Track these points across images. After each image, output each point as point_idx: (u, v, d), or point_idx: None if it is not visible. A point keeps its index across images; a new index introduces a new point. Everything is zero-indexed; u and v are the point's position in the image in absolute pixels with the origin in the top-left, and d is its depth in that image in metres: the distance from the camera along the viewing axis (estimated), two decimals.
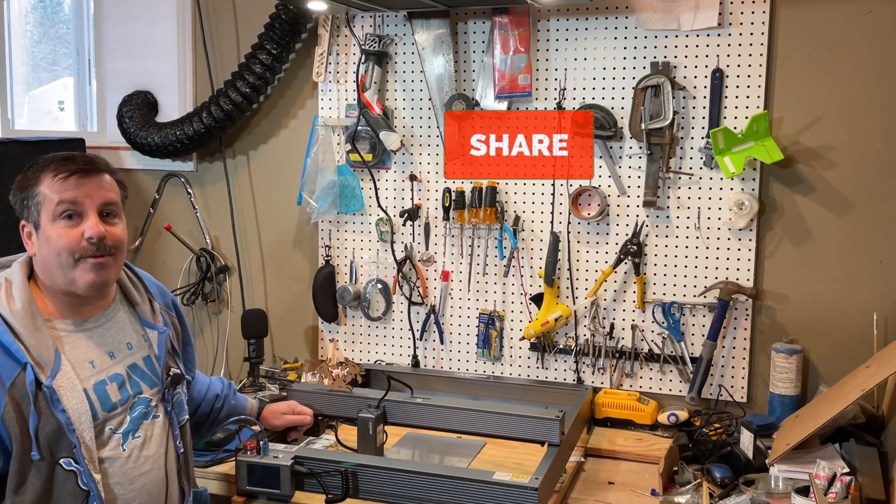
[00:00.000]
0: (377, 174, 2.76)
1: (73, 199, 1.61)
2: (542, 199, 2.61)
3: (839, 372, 2.26)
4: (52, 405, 1.55)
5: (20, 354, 1.54)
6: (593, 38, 2.51)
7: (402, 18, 2.68)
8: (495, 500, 1.83)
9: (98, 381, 1.64)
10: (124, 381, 1.69)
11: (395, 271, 2.76)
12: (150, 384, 1.74)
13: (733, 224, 2.40)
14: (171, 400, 1.77)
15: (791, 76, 2.36)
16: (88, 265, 1.62)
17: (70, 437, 1.56)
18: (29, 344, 1.56)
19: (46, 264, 1.63)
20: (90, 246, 1.61)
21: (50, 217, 1.61)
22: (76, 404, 1.58)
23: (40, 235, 1.63)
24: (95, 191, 1.64)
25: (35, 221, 1.63)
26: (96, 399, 1.63)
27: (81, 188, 1.62)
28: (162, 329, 1.80)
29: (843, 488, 1.80)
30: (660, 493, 2.01)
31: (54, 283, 1.64)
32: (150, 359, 1.76)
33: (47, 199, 1.61)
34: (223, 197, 3.00)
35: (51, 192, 1.61)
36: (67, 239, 1.60)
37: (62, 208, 1.61)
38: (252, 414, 2.13)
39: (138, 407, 1.70)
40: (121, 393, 1.68)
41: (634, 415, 2.44)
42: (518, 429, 2.20)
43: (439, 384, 2.69)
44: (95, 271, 1.62)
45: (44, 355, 1.57)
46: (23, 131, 3.47)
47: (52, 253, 1.61)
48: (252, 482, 1.95)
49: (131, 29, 3.07)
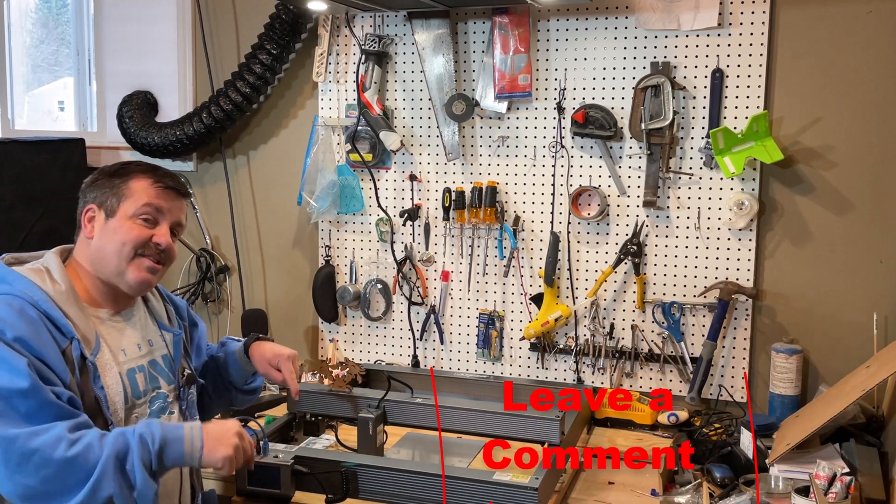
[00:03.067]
0: (377, 174, 2.76)
1: (159, 207, 1.71)
2: (542, 199, 2.61)
3: (839, 372, 2.26)
4: (94, 381, 1.59)
5: (68, 329, 1.58)
6: (593, 38, 2.51)
7: (402, 18, 2.68)
8: (495, 500, 1.83)
9: (129, 368, 1.70)
10: (148, 374, 1.75)
11: (395, 271, 2.76)
12: (168, 381, 1.79)
13: (733, 224, 2.40)
14: (185, 398, 1.83)
15: (791, 76, 2.36)
16: (145, 264, 1.70)
17: (106, 413, 1.60)
18: (75, 320, 1.61)
19: (103, 251, 1.68)
20: (155, 249, 1.70)
21: (130, 212, 1.69)
22: (112, 384, 1.64)
23: (109, 224, 1.69)
24: (176, 210, 1.75)
25: (111, 209, 1.69)
26: (128, 384, 1.68)
27: (169, 202, 1.73)
28: (177, 332, 1.87)
29: (843, 488, 1.80)
30: (660, 493, 2.02)
31: (102, 270, 1.69)
32: (167, 357, 1.82)
33: (137, 194, 1.70)
34: (223, 197, 3.00)
35: (143, 192, 1.70)
36: (138, 234, 1.68)
37: (147, 210, 1.70)
38: (240, 358, 2.01)
39: (157, 401, 1.75)
40: (146, 384, 1.73)
41: (634, 415, 2.44)
42: (518, 429, 2.20)
43: (439, 384, 2.68)
44: (148, 272, 1.70)
45: (87, 333, 1.63)
46: (23, 131, 3.47)
47: (116, 242, 1.67)
48: (252, 482, 1.95)
49: (131, 29, 3.07)
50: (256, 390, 2.12)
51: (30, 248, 1.76)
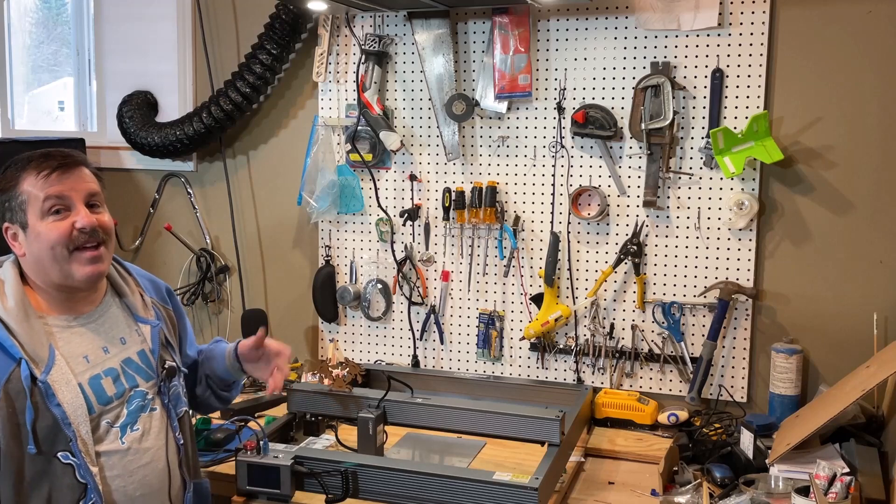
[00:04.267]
0: (377, 174, 2.76)
1: (59, 194, 1.63)
2: (542, 199, 2.61)
3: (839, 372, 2.26)
4: (48, 400, 1.56)
5: (14, 350, 1.56)
6: (593, 38, 2.51)
7: (402, 18, 2.68)
8: (495, 500, 1.83)
9: (93, 376, 1.65)
10: (119, 376, 1.70)
11: (395, 271, 2.76)
12: (146, 377, 1.74)
13: (733, 224, 2.40)
14: (167, 392, 1.77)
15: (791, 76, 2.36)
16: (85, 258, 1.64)
17: (66, 430, 1.57)
18: (23, 340, 1.57)
19: (39, 261, 1.64)
20: (82, 236, 1.63)
21: (38, 214, 1.62)
22: (71, 398, 1.59)
23: (29, 234, 1.64)
24: (79, 183, 1.66)
25: (21, 221, 1.64)
26: (91, 393, 1.64)
27: (65, 182, 1.64)
28: (154, 323, 1.80)
29: (843, 488, 1.80)
30: (660, 493, 2.02)
31: (48, 279, 1.65)
32: (144, 352, 1.76)
33: (32, 196, 1.62)
34: (223, 197, 3.00)
35: (35, 190, 1.62)
36: (59, 231, 1.62)
37: (49, 204, 1.62)
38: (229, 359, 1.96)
39: (135, 400, 1.71)
40: (116, 387, 1.68)
41: (634, 415, 2.44)
42: (518, 429, 2.20)
43: (439, 384, 2.69)
44: (92, 263, 1.65)
45: (38, 351, 1.58)
46: (23, 131, 3.47)
47: (44, 248, 1.62)
48: (252, 482, 1.95)
49: (131, 29, 3.07)
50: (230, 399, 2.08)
51: None
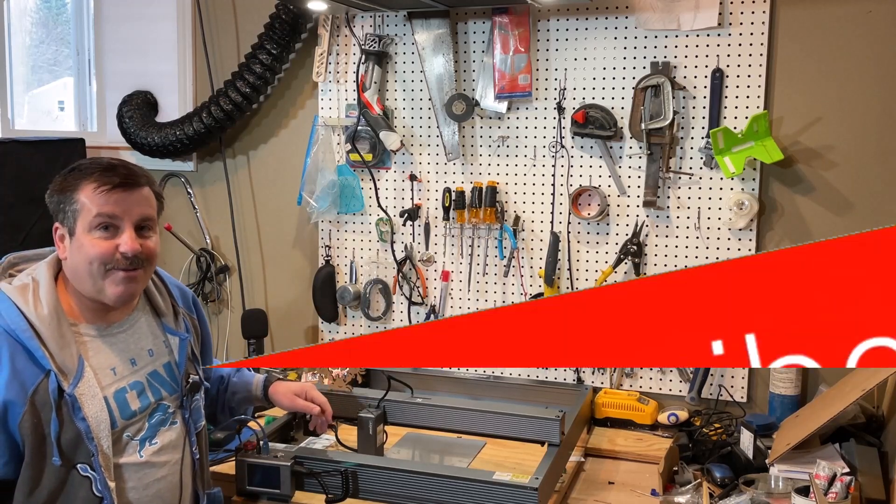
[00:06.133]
0: (377, 174, 2.76)
1: (111, 213, 1.60)
2: (542, 199, 2.61)
3: (839, 372, 2.25)
4: (74, 413, 1.55)
5: (45, 361, 1.54)
6: (593, 38, 2.51)
7: (402, 18, 2.68)
8: (495, 500, 1.83)
9: (118, 389, 1.64)
10: (144, 389, 1.69)
11: (395, 271, 2.76)
12: (170, 391, 1.74)
13: (733, 224, 2.40)
14: (188, 407, 1.76)
15: (791, 76, 2.36)
16: (119, 277, 1.61)
17: (88, 444, 1.56)
18: (54, 351, 1.56)
19: (77, 270, 1.62)
20: (123, 260, 1.61)
21: (86, 227, 1.60)
22: (96, 412, 1.58)
23: (74, 242, 1.61)
24: (134, 206, 1.63)
25: (70, 227, 1.62)
26: (116, 407, 1.63)
27: (121, 203, 1.61)
28: (184, 335, 1.79)
29: (843, 488, 1.80)
30: (660, 493, 2.01)
31: (83, 289, 1.64)
32: (170, 365, 1.76)
33: (86, 208, 1.59)
34: (223, 197, 3.00)
35: (90, 203, 1.59)
36: (101, 249, 1.59)
37: (99, 220, 1.59)
38: (256, 390, 2.06)
39: (157, 414, 1.70)
40: (140, 401, 1.68)
41: (634, 415, 2.44)
42: (518, 429, 2.21)
43: (439, 384, 2.69)
44: (125, 284, 1.62)
45: (67, 362, 1.57)
46: (23, 131, 3.46)
47: (83, 261, 1.60)
48: (252, 482, 1.95)
49: (131, 29, 3.07)
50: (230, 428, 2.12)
51: (30, 249, 1.74)
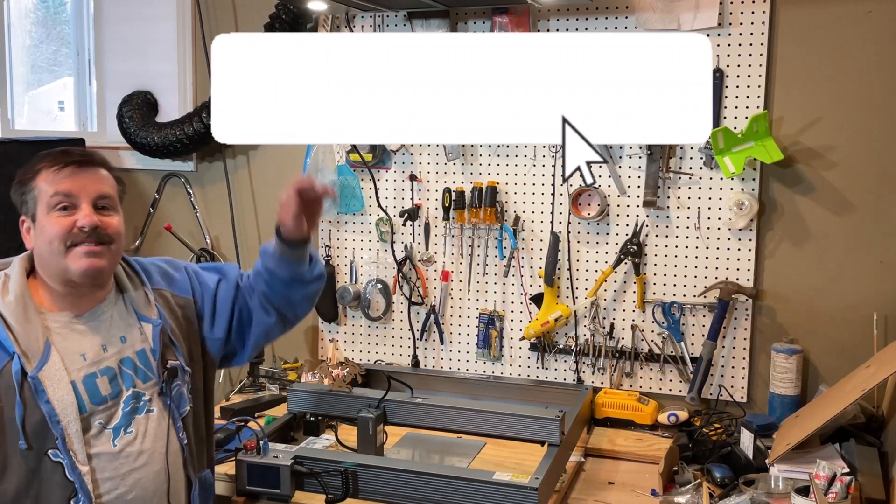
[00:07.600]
0: (377, 174, 2.76)
1: (67, 191, 1.62)
2: (542, 199, 2.61)
3: (839, 372, 2.26)
4: (37, 396, 1.56)
5: (8, 344, 1.56)
6: None
7: (402, 18, 2.68)
8: (495, 500, 1.83)
9: (88, 374, 1.64)
10: (116, 376, 1.68)
11: (395, 271, 2.76)
12: (144, 378, 1.71)
13: (733, 224, 2.40)
14: (169, 393, 1.73)
15: (791, 76, 2.36)
16: (80, 251, 1.62)
17: (53, 428, 1.56)
18: (18, 334, 1.58)
19: (41, 255, 1.65)
20: (81, 234, 1.62)
21: (45, 209, 1.63)
22: (62, 396, 1.58)
23: (36, 228, 1.65)
24: (90, 183, 1.65)
25: (32, 214, 1.65)
26: (84, 392, 1.62)
27: (76, 180, 1.63)
28: (157, 322, 1.75)
29: (843, 488, 1.80)
30: (660, 493, 2.01)
31: (49, 273, 1.65)
32: (145, 352, 1.73)
33: (43, 191, 1.63)
34: (223, 197, 3.00)
35: (46, 185, 1.63)
36: (59, 227, 1.61)
37: (56, 199, 1.62)
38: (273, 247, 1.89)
39: (129, 402, 1.68)
40: (112, 387, 1.66)
41: (634, 415, 2.44)
42: (518, 429, 2.20)
43: (439, 384, 2.69)
44: (88, 258, 1.62)
45: (32, 346, 1.58)
46: (23, 131, 3.47)
47: (45, 242, 1.62)
48: (252, 482, 1.95)
49: (131, 29, 3.07)
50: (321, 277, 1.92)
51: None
